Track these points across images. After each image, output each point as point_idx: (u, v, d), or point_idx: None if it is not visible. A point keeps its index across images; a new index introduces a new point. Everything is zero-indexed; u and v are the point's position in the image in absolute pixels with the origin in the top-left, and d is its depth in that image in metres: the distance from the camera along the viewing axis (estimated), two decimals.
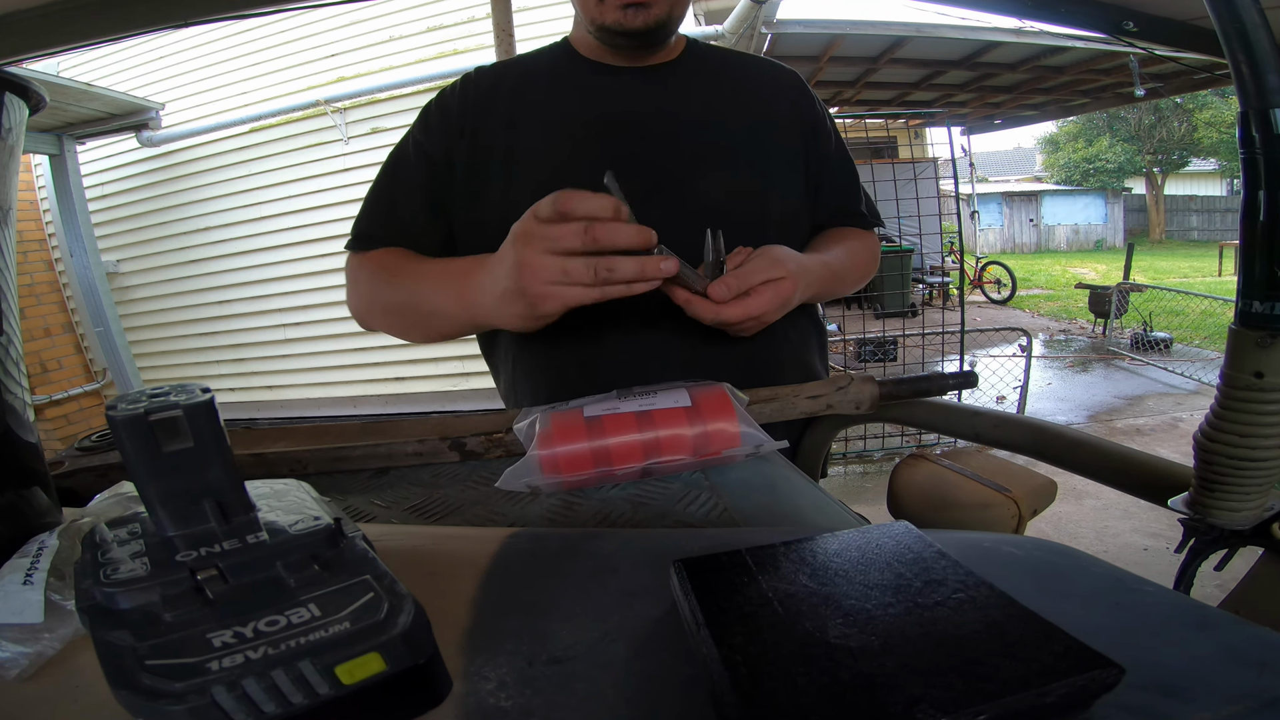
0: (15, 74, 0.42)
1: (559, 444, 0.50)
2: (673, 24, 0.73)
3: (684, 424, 0.51)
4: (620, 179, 0.51)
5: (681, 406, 0.52)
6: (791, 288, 0.61)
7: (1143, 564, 2.33)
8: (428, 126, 0.77)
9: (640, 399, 0.54)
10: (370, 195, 0.79)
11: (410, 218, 0.76)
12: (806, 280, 0.66)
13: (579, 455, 0.50)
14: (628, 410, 0.52)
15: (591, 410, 0.52)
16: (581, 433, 0.50)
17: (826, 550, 0.30)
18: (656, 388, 0.57)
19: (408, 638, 0.22)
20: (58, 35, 1.24)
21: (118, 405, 0.25)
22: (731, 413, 0.52)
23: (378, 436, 0.58)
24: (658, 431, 0.50)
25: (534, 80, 0.78)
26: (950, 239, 6.42)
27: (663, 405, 0.52)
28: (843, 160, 0.83)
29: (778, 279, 0.61)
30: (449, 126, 0.76)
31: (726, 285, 0.58)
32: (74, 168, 3.72)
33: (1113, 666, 0.22)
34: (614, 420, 0.51)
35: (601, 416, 0.51)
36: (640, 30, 0.70)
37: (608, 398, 0.55)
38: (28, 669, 0.29)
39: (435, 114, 0.77)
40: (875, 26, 4.16)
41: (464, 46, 3.24)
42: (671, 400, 0.53)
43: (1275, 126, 0.41)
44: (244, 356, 3.97)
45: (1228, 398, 0.47)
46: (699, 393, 0.54)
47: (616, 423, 0.51)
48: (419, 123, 0.78)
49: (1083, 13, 1.40)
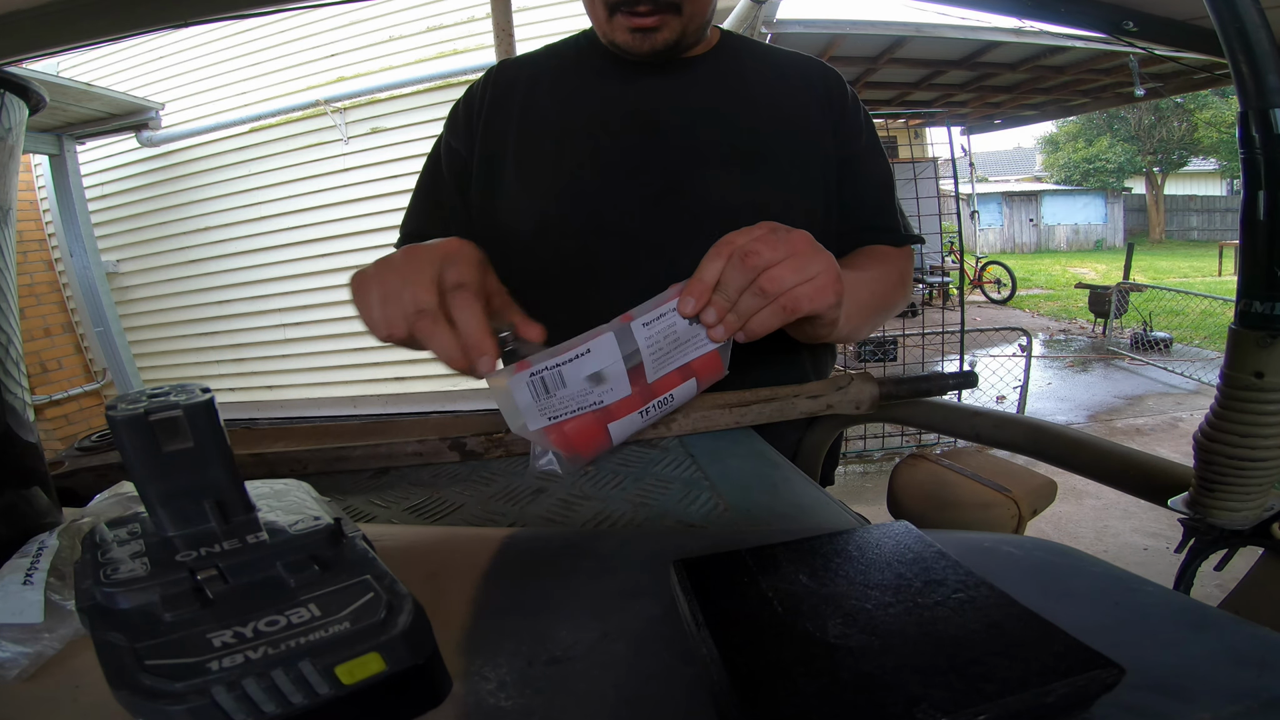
0: (15, 74, 0.42)
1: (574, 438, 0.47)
2: (689, 39, 0.70)
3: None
4: (630, 178, 0.48)
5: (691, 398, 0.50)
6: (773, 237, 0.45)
7: (1143, 564, 2.33)
8: (454, 125, 0.79)
9: (661, 409, 0.49)
10: (413, 194, 0.81)
11: (451, 214, 0.77)
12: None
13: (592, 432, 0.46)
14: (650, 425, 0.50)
15: (619, 437, 0.48)
16: (604, 437, 0.48)
17: (826, 550, 0.30)
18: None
19: (408, 638, 0.22)
20: (58, 35, 1.24)
21: (118, 405, 0.25)
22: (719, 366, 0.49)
23: (378, 436, 0.58)
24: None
25: (555, 74, 0.77)
26: (950, 239, 6.41)
27: (677, 406, 0.50)
28: (878, 171, 0.77)
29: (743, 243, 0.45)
30: (471, 123, 0.77)
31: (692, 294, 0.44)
32: (74, 168, 3.71)
33: (1113, 666, 0.22)
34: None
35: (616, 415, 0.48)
36: (649, 54, 0.69)
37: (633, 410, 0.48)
38: (28, 669, 0.29)
39: (461, 111, 0.79)
40: (875, 26, 4.15)
41: (464, 46, 3.24)
42: (683, 398, 0.49)
43: (1275, 126, 0.41)
44: (244, 356, 3.96)
45: (1228, 398, 0.47)
46: (703, 379, 0.49)
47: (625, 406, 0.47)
48: (448, 121, 0.80)
49: (1083, 13, 1.40)
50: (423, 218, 0.79)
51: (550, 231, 0.71)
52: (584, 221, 0.70)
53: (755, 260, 0.43)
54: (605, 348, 0.42)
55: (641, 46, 0.68)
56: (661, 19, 0.66)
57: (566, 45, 0.80)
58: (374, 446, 0.57)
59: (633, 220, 0.70)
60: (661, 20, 0.66)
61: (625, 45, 0.69)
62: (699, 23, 0.70)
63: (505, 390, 0.41)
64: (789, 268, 0.44)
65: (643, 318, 0.43)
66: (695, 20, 0.69)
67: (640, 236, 0.69)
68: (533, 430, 0.43)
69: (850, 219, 0.75)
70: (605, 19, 0.68)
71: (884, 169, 0.78)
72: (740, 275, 0.44)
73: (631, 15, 0.66)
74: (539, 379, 0.41)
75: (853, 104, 0.76)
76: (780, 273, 0.44)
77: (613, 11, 0.67)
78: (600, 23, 0.70)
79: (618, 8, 0.66)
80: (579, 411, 0.44)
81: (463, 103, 0.79)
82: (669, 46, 0.69)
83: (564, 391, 0.43)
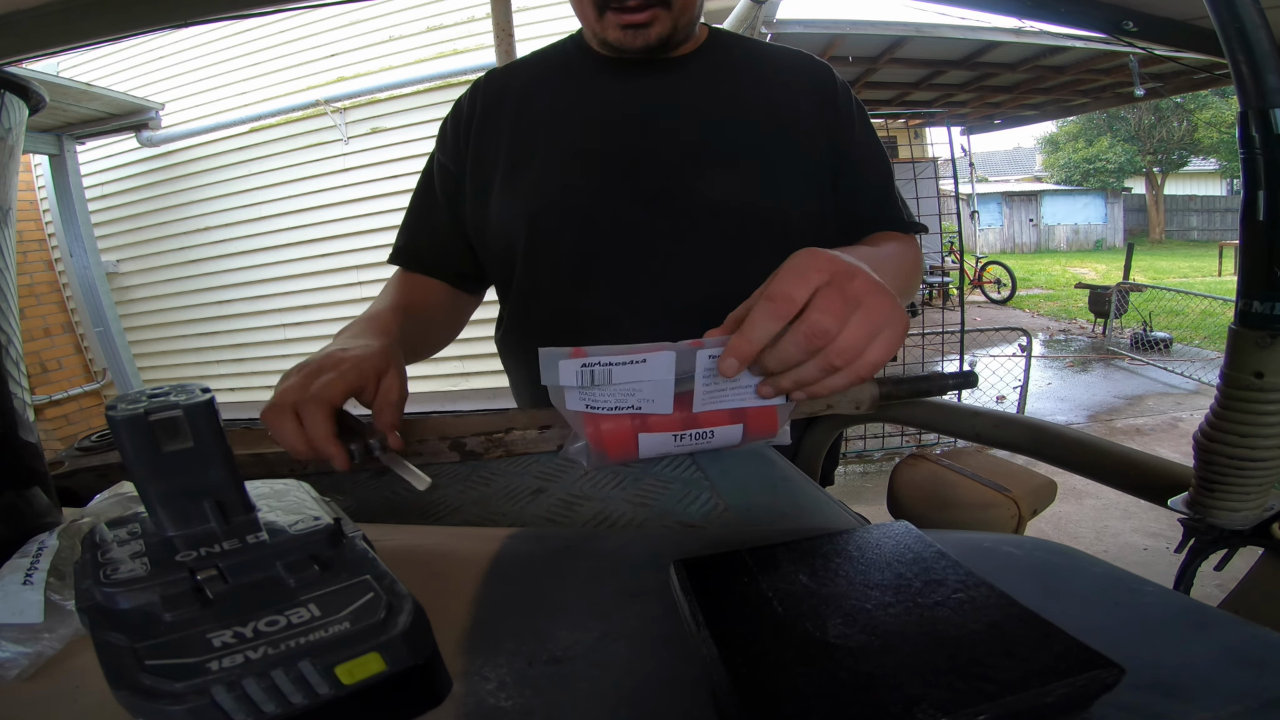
0: (15, 74, 0.42)
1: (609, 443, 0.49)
2: (680, 33, 0.70)
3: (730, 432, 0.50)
4: (623, 179, 0.49)
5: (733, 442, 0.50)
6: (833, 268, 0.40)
7: (1143, 564, 2.33)
8: (443, 142, 0.79)
9: (695, 440, 0.49)
10: (407, 211, 0.82)
11: (443, 228, 0.79)
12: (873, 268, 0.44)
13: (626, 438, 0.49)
14: (681, 453, 0.50)
15: (648, 452, 0.49)
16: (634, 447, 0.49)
17: (826, 550, 0.30)
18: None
19: (408, 638, 0.22)
20: (58, 35, 1.24)
21: (118, 405, 0.25)
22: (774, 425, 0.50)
23: None
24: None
25: (542, 80, 0.77)
26: (950, 239, 6.41)
27: (715, 447, 0.50)
28: (875, 161, 0.76)
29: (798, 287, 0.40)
30: (459, 136, 0.77)
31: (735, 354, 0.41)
32: (74, 168, 3.71)
33: (1113, 666, 0.22)
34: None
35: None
36: (642, 50, 0.69)
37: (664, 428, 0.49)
38: (28, 669, 0.29)
39: (449, 126, 0.79)
40: (875, 26, 4.16)
41: (464, 46, 3.24)
42: (724, 443, 0.50)
43: (1275, 126, 0.41)
44: (244, 356, 3.96)
45: (1228, 398, 0.47)
46: (752, 433, 0.50)
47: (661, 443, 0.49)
48: (438, 137, 0.80)
49: (1083, 13, 1.40)
50: (416, 235, 0.81)
51: (544, 234, 0.71)
52: (578, 223, 0.71)
53: (820, 341, 0.39)
54: (661, 363, 0.43)
55: (634, 42, 0.68)
56: (652, 14, 0.66)
57: (554, 50, 0.80)
58: None
59: (627, 221, 0.70)
60: (652, 15, 0.66)
61: (617, 42, 0.69)
62: (689, 17, 0.70)
63: (555, 370, 0.43)
64: (858, 332, 0.39)
65: (710, 349, 0.43)
66: (685, 14, 0.69)
67: (635, 237, 0.69)
68: (569, 410, 0.46)
69: (851, 212, 0.75)
70: (595, 18, 0.68)
71: (881, 159, 0.77)
72: (801, 352, 0.40)
73: (622, 12, 0.66)
74: (589, 370, 0.43)
75: (844, 96, 0.76)
76: (850, 342, 0.39)
77: (602, 10, 0.67)
78: (590, 22, 0.70)
79: (607, 5, 0.66)
80: (616, 410, 0.46)
81: (450, 118, 0.79)
82: (661, 41, 0.69)
83: (609, 388, 0.44)
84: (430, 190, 0.80)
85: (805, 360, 0.40)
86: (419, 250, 0.80)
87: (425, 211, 0.80)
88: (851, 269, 0.41)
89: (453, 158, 0.77)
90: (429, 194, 0.80)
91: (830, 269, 0.40)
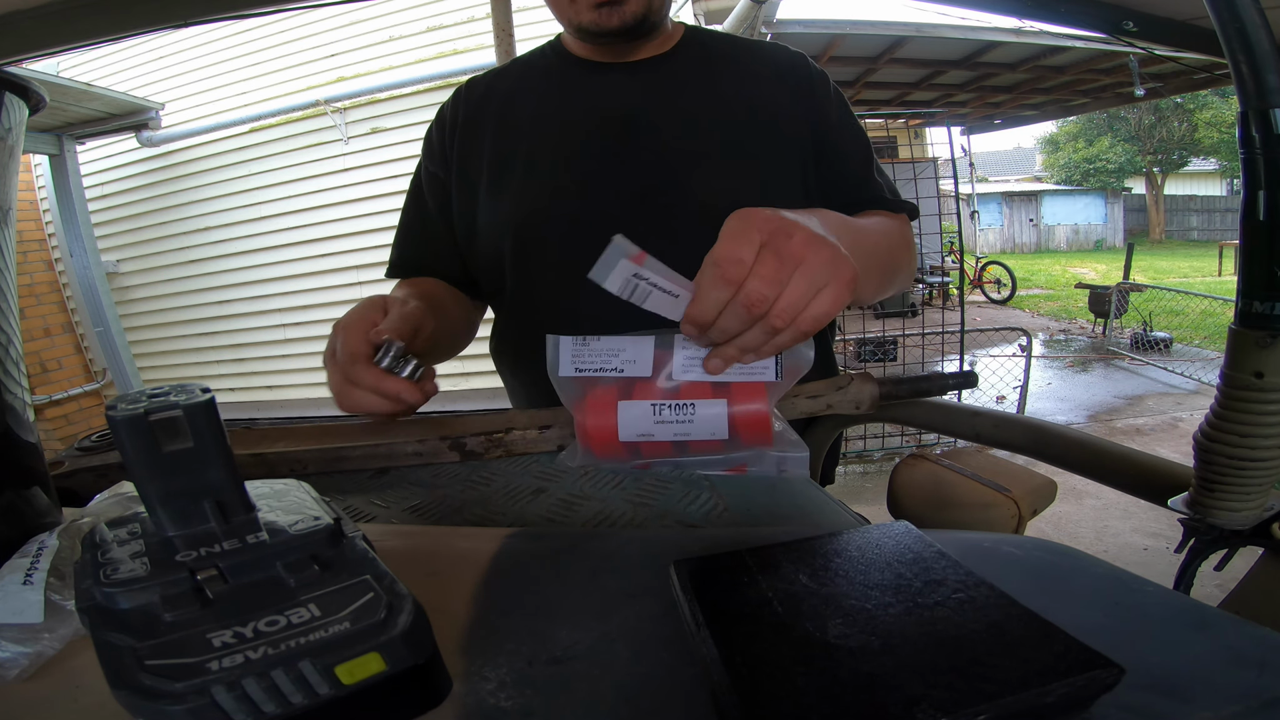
0: (15, 74, 0.42)
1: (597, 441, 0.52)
2: (654, 15, 0.70)
3: (720, 451, 0.51)
4: (608, 179, 0.50)
5: (719, 439, 0.50)
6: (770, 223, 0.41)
7: (1143, 564, 2.33)
8: (430, 150, 0.79)
9: (677, 420, 0.50)
10: (399, 224, 0.82)
11: (435, 238, 0.79)
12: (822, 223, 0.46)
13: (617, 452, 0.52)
14: (664, 439, 0.51)
15: (627, 430, 0.50)
16: (623, 453, 0.52)
17: (826, 550, 0.30)
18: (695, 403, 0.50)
19: (408, 638, 0.22)
20: (58, 35, 1.24)
21: (118, 405, 0.25)
22: (768, 436, 0.50)
23: (378, 436, 0.58)
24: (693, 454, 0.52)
25: (524, 84, 0.78)
26: (950, 239, 6.41)
27: (700, 435, 0.50)
28: (855, 143, 0.76)
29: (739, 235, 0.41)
30: (444, 143, 0.77)
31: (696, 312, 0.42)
32: (74, 168, 3.72)
33: (1113, 666, 0.22)
34: (651, 446, 0.51)
35: (638, 444, 0.51)
36: (618, 29, 0.68)
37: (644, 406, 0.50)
38: (28, 669, 0.29)
39: (434, 134, 0.79)
40: (875, 26, 4.16)
41: (464, 46, 3.24)
42: (709, 429, 0.50)
43: (1275, 126, 0.41)
44: (244, 356, 3.97)
45: (1228, 398, 0.47)
46: (738, 415, 0.50)
47: (653, 448, 0.51)
48: (424, 145, 0.80)
49: (1083, 13, 1.40)
50: (408, 246, 0.81)
51: (531, 238, 0.72)
52: (564, 224, 0.71)
53: (760, 308, 0.40)
54: (645, 341, 0.50)
55: (609, 22, 0.67)
56: None
57: (534, 55, 0.81)
58: (374, 446, 0.57)
59: (612, 221, 0.70)
60: None
61: (592, 25, 0.68)
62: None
63: (554, 339, 0.51)
64: (798, 290, 0.40)
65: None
66: None
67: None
68: (561, 377, 0.51)
69: (834, 197, 0.74)
70: (568, 3, 0.68)
71: (860, 140, 0.76)
72: (742, 322, 0.41)
73: None
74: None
75: (820, 82, 0.76)
76: (790, 302, 0.40)
77: None
78: (564, 9, 0.69)
79: None
80: (601, 372, 0.50)
81: (434, 126, 0.79)
82: (637, 20, 0.68)
83: (597, 345, 0.51)
84: (420, 200, 0.80)
85: (749, 328, 0.41)
86: (417, 261, 0.80)
87: (418, 222, 0.80)
88: (789, 225, 0.41)
89: (440, 165, 0.77)
90: (420, 204, 0.80)
91: (768, 228, 0.40)
